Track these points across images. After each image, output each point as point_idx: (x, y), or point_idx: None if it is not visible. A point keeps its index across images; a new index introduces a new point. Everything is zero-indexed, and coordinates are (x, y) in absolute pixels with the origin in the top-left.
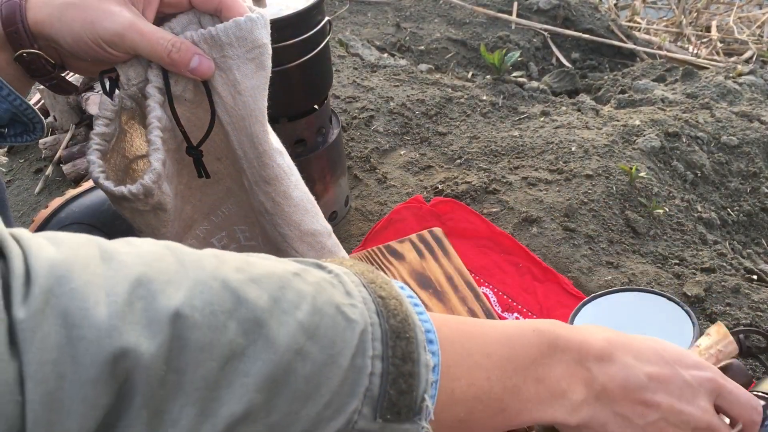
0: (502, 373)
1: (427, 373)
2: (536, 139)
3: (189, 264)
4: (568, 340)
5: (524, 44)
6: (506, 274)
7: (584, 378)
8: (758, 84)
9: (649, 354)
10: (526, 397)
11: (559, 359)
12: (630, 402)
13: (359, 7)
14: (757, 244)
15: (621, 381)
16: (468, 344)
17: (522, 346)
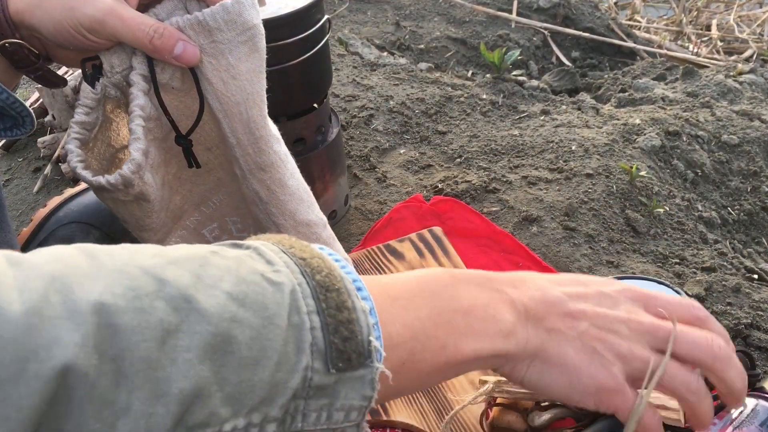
0: (430, 311)
1: (366, 317)
2: (536, 138)
3: (103, 257)
4: (477, 273)
5: (524, 43)
6: None
7: (506, 300)
8: (759, 83)
9: (559, 278)
10: (460, 330)
11: (477, 288)
12: (556, 315)
13: (359, 5)
14: (758, 243)
15: (540, 298)
16: (391, 291)
17: (439, 285)
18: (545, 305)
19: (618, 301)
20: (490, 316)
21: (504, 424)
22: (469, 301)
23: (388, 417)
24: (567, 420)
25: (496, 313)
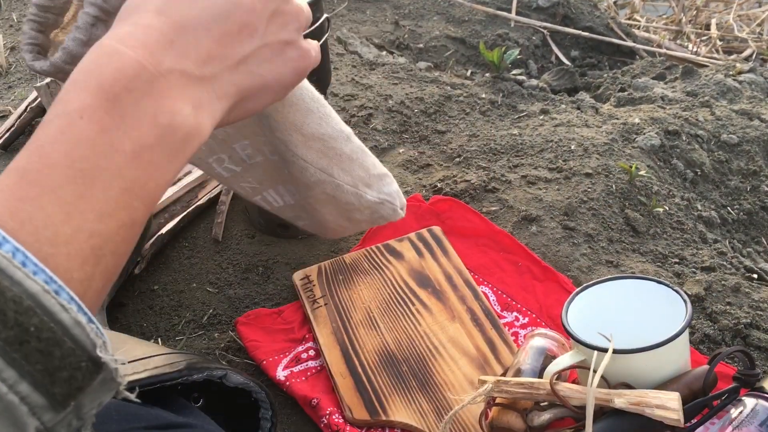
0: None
1: (82, 327)
2: (536, 138)
3: None
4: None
5: (523, 42)
6: (505, 273)
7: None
8: (758, 82)
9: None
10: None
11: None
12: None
13: (358, 4)
14: (757, 242)
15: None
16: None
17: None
18: (217, 40)
19: None
20: (165, 127)
21: (503, 424)
22: (132, 134)
23: (387, 417)
24: (566, 420)
25: (171, 115)
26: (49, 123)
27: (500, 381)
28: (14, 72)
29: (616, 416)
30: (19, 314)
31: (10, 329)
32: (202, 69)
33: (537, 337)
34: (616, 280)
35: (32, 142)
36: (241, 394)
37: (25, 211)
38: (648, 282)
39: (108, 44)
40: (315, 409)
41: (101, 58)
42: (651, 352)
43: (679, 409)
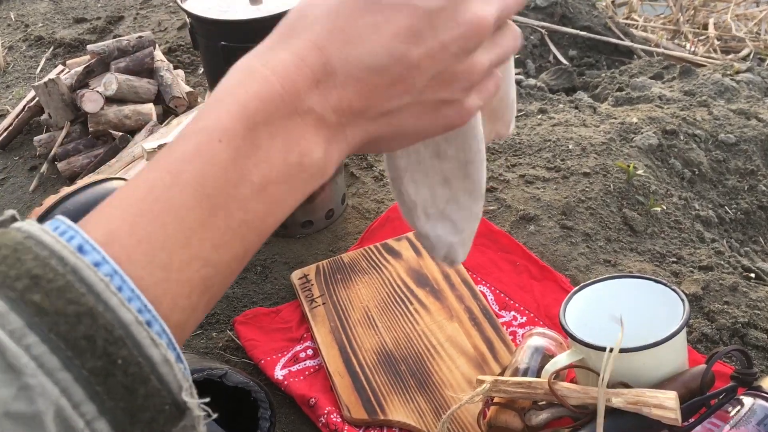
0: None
1: (171, 366)
2: (533, 137)
3: None
4: (267, 102)
5: (521, 41)
6: (503, 272)
7: (312, 125)
8: (756, 81)
9: (367, 20)
10: (261, 214)
11: (268, 136)
12: (382, 95)
13: None
14: (755, 242)
15: (355, 86)
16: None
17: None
18: (363, 92)
19: (439, 10)
20: (294, 165)
21: (501, 423)
22: (262, 166)
23: (385, 416)
24: (564, 419)
25: (301, 155)
26: (188, 138)
27: (498, 380)
28: (12, 71)
29: (613, 415)
30: (109, 344)
31: (98, 359)
32: (341, 117)
33: (535, 337)
34: (613, 279)
35: (167, 155)
36: (240, 394)
37: (145, 229)
38: (646, 281)
39: (259, 69)
40: (313, 409)
41: (248, 81)
42: (648, 351)
43: (677, 408)
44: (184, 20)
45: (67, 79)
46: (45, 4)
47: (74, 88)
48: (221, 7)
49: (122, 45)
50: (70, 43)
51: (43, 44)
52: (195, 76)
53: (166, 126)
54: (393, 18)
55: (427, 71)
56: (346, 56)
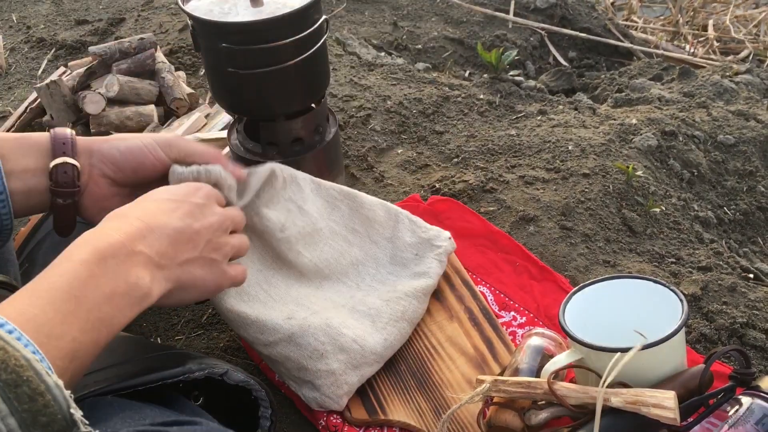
0: (81, 324)
1: (61, 391)
2: (533, 138)
3: None
4: (110, 245)
5: (521, 43)
6: (503, 273)
7: (141, 261)
8: (755, 83)
9: (169, 206)
10: (110, 318)
11: (113, 265)
12: (182, 248)
13: (356, 5)
14: (754, 242)
15: (167, 240)
16: (45, 325)
17: (82, 285)
18: (173, 245)
19: (209, 206)
20: (132, 285)
21: (501, 423)
22: (110, 283)
23: (385, 416)
24: (564, 419)
25: (135, 280)
26: (58, 265)
27: (498, 380)
28: (14, 73)
29: (612, 415)
30: (17, 366)
31: (10, 374)
32: (158, 259)
33: (534, 337)
34: (613, 279)
35: (42, 275)
36: (241, 393)
37: (32, 313)
38: (645, 281)
39: (103, 229)
40: (312, 410)
41: (99, 234)
42: (647, 351)
43: (676, 407)
44: (185, 22)
45: (69, 81)
46: (47, 5)
47: (76, 89)
48: (222, 10)
49: (124, 47)
50: (72, 45)
51: (44, 46)
52: (196, 77)
53: (167, 127)
54: (181, 206)
55: (204, 237)
56: (158, 223)
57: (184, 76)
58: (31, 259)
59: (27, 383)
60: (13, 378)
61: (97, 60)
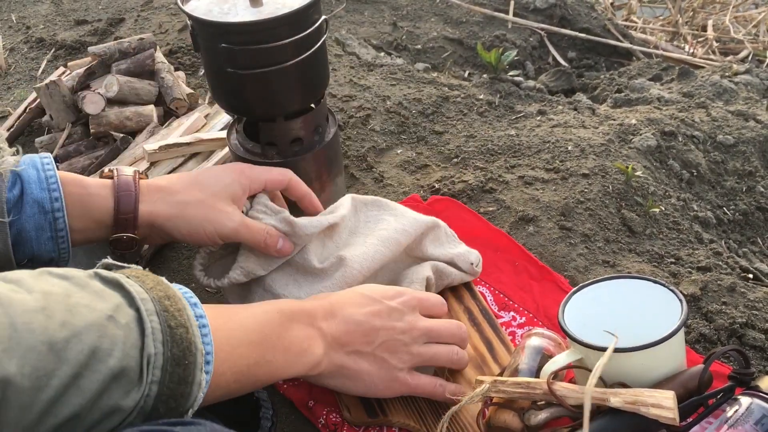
0: (258, 356)
1: (198, 391)
2: (533, 138)
3: (21, 328)
4: (302, 310)
5: (521, 43)
6: (503, 273)
7: (319, 336)
8: (754, 83)
9: (361, 300)
10: (278, 366)
11: (298, 327)
12: (356, 340)
13: (356, 5)
14: (753, 243)
15: (344, 328)
16: (234, 341)
17: (272, 327)
18: (347, 333)
19: (403, 312)
20: (304, 351)
21: (500, 424)
22: (291, 339)
23: (385, 417)
24: (563, 419)
25: (309, 347)
26: (261, 305)
27: (497, 381)
28: (13, 73)
29: (611, 415)
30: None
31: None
32: (331, 340)
33: (534, 337)
34: (612, 279)
35: (253, 312)
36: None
37: (230, 325)
38: (644, 282)
39: (304, 302)
40: (312, 411)
41: (298, 302)
42: (646, 351)
43: (675, 407)
44: (184, 22)
45: (69, 81)
46: (46, 6)
47: (75, 89)
48: (222, 10)
49: (123, 47)
50: (72, 45)
51: (44, 46)
52: (196, 77)
53: (166, 127)
54: (373, 304)
55: (381, 336)
56: (343, 312)
57: (183, 77)
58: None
59: (185, 367)
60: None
61: (96, 60)
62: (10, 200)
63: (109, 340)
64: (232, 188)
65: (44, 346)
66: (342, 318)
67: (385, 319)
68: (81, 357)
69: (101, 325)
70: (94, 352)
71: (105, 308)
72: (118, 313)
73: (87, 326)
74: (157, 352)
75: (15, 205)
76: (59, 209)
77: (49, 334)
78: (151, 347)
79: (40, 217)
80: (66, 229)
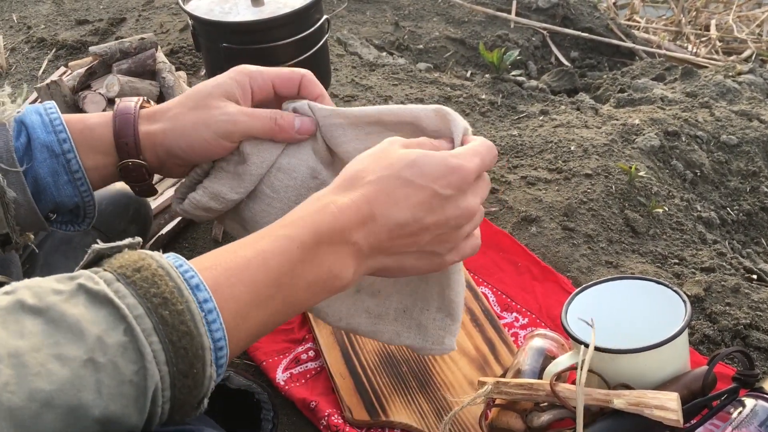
0: (274, 308)
1: (210, 383)
2: (535, 139)
3: (19, 367)
4: (331, 229)
5: (523, 43)
6: (505, 274)
7: (352, 252)
8: (757, 83)
9: (405, 190)
10: (297, 305)
11: (325, 252)
12: (399, 242)
13: (358, 5)
14: (757, 243)
15: (386, 234)
16: (244, 308)
17: (290, 267)
18: (392, 239)
19: (456, 198)
20: (334, 276)
21: (503, 425)
22: (315, 272)
23: (387, 417)
24: (566, 420)
25: (339, 271)
26: (277, 238)
27: (500, 382)
28: (14, 73)
29: (615, 417)
30: (194, 358)
31: (184, 365)
32: (370, 251)
33: (536, 338)
34: (615, 280)
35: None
36: (243, 395)
37: (237, 290)
38: (647, 282)
39: (330, 207)
40: (314, 411)
41: (323, 213)
42: (650, 352)
43: (678, 409)
44: (186, 22)
45: (70, 81)
46: (47, 5)
47: (76, 89)
48: (223, 9)
49: (124, 47)
50: (73, 45)
51: (45, 46)
52: (197, 77)
53: None
54: (419, 194)
55: (432, 233)
56: (384, 212)
57: (184, 76)
58: (32, 260)
59: (193, 375)
60: (186, 368)
61: (97, 60)
62: (19, 149)
63: (88, 392)
64: (226, 86)
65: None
66: (383, 222)
67: (438, 211)
68: (58, 424)
69: (76, 377)
70: (72, 411)
71: (81, 352)
72: (99, 349)
73: (60, 387)
74: (163, 375)
75: (25, 153)
76: (69, 150)
77: (16, 414)
78: (156, 374)
79: (52, 161)
80: (81, 170)
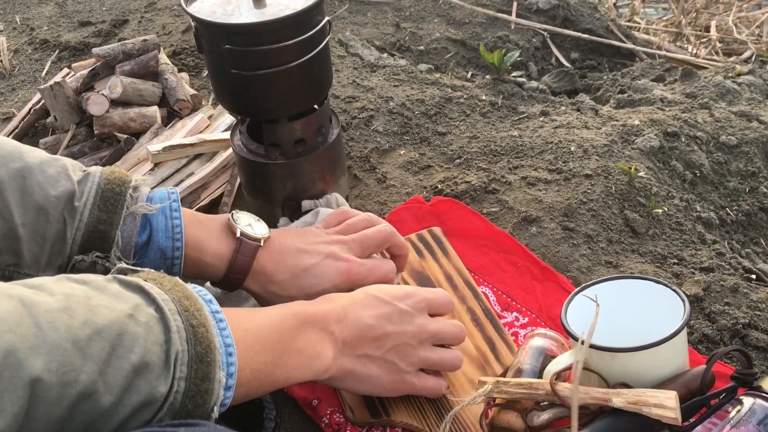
0: (274, 356)
1: (220, 388)
2: (535, 139)
3: (45, 326)
4: (315, 314)
5: (523, 44)
6: (505, 274)
7: (331, 339)
8: (757, 84)
9: (372, 302)
10: (291, 367)
11: (311, 331)
12: (365, 343)
13: (359, 7)
14: (756, 243)
15: (356, 332)
16: (251, 340)
17: (287, 329)
18: (359, 338)
19: (413, 315)
20: (317, 354)
21: (503, 424)
22: (305, 341)
23: (388, 417)
24: (566, 419)
25: (321, 351)
26: (279, 306)
27: (500, 381)
28: (17, 74)
29: (614, 415)
30: (207, 350)
31: (201, 347)
32: (341, 344)
33: (537, 337)
34: (615, 280)
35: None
36: None
37: (246, 319)
38: (647, 282)
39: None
40: (315, 410)
41: (311, 303)
42: (649, 351)
43: (677, 408)
44: (188, 24)
45: (73, 82)
46: (50, 7)
47: (79, 91)
48: (225, 11)
49: (127, 48)
50: (76, 47)
51: (48, 47)
52: (199, 79)
53: (170, 128)
54: (383, 307)
55: (392, 341)
56: (354, 316)
57: (187, 78)
58: None
59: (207, 364)
60: (203, 354)
61: (100, 61)
62: (139, 244)
63: (129, 337)
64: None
65: (69, 344)
66: (353, 321)
67: (396, 323)
68: (103, 354)
69: (122, 323)
70: (116, 348)
71: (124, 308)
72: (137, 312)
73: (108, 324)
74: (183, 349)
75: (141, 248)
76: (178, 257)
77: (73, 332)
78: (178, 344)
79: (160, 263)
80: (180, 274)
